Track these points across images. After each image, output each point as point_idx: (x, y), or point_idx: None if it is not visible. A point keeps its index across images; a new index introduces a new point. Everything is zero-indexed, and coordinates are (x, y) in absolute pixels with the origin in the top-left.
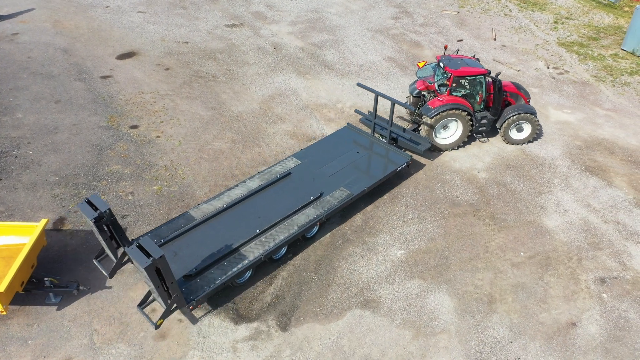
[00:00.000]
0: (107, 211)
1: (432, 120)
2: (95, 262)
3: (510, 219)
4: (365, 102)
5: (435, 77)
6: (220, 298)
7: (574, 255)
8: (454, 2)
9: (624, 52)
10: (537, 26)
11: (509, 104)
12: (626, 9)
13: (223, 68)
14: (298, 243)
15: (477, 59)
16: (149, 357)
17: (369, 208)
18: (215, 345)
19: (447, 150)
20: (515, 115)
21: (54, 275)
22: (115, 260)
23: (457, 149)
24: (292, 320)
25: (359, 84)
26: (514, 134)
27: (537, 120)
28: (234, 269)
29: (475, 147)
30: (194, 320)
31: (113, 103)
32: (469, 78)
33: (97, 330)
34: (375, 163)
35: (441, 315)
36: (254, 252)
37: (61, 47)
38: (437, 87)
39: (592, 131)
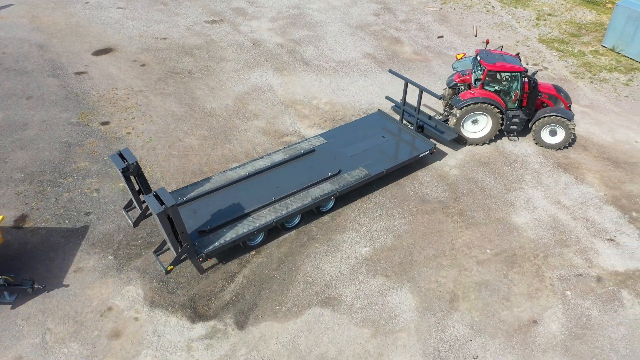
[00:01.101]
0: (134, 163)
1: (460, 111)
2: (123, 212)
3: (478, 216)
4: (342, 99)
5: (473, 70)
6: (178, 296)
7: (541, 252)
8: None
9: (605, 48)
10: (519, 22)
11: (547, 106)
12: (609, 5)
13: (200, 64)
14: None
15: (519, 57)
16: (101, 357)
17: (337, 205)
18: (169, 344)
19: (475, 145)
20: (547, 117)
21: (8, 274)
22: (140, 211)
23: (484, 144)
24: (250, 318)
25: (390, 71)
26: (546, 137)
27: (573, 126)
28: (245, 230)
29: (449, 143)
30: (150, 319)
31: (85, 99)
32: (503, 74)
33: (50, 329)
34: (399, 148)
35: (402, 314)
36: (266, 217)
37: (37, 43)
38: (473, 81)
39: None
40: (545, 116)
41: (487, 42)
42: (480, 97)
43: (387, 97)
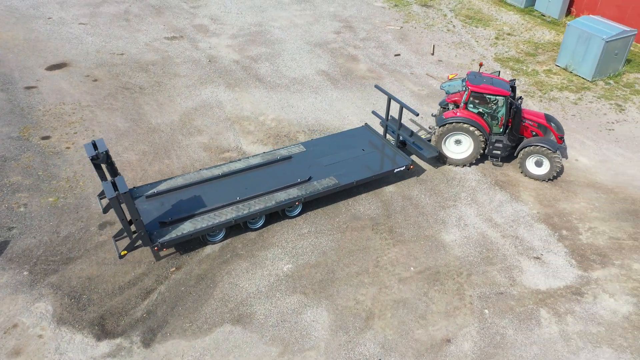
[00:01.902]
0: (104, 153)
1: (440, 129)
2: (97, 199)
3: (408, 233)
4: (290, 115)
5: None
6: (88, 313)
7: (465, 270)
8: (399, 17)
9: (558, 68)
10: (477, 42)
11: (536, 135)
12: None
13: (152, 80)
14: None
15: (513, 83)
16: None
17: (267, 221)
18: None
19: (457, 166)
20: (531, 146)
21: None
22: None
23: (468, 166)
24: (158, 336)
25: (376, 86)
26: (531, 167)
27: (558, 158)
28: (204, 225)
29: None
30: (55, 337)
31: (30, 114)
32: (486, 96)
33: None
34: (375, 161)
35: (314, 332)
36: (226, 215)
37: None
38: (463, 101)
39: None
40: (530, 145)
41: (481, 65)
42: (461, 117)
43: (373, 112)
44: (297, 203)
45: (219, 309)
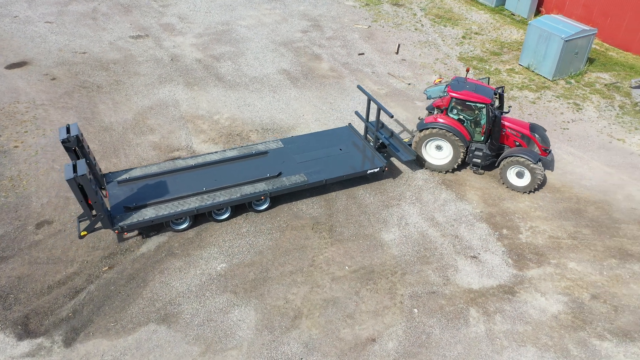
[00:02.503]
0: (75, 137)
1: (420, 134)
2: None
3: (347, 232)
4: (245, 114)
5: None
6: (13, 312)
7: (400, 269)
8: (369, 16)
9: (521, 67)
10: (444, 41)
11: (519, 145)
12: None
13: (112, 78)
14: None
15: (501, 90)
16: None
17: (204, 220)
18: None
19: (432, 170)
20: (511, 157)
21: None
22: None
23: (446, 173)
24: (81, 335)
25: (358, 86)
26: (512, 179)
27: (539, 170)
28: (166, 212)
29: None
30: None
31: None
32: (466, 103)
33: None
34: (350, 161)
35: (239, 331)
36: (190, 204)
37: None
38: (445, 107)
39: None
40: (510, 156)
41: (468, 70)
42: (440, 123)
43: (356, 113)
44: (262, 197)
45: (146, 308)
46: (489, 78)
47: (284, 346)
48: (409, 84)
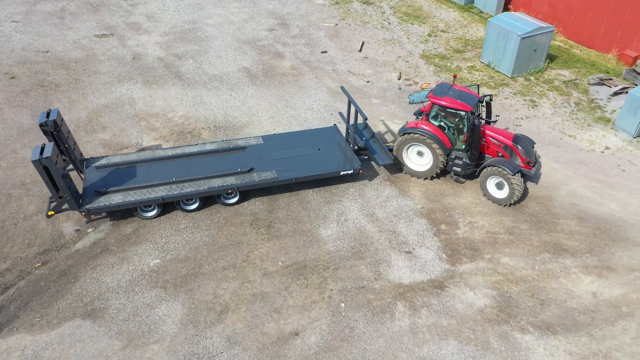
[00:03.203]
0: (52, 121)
1: (400, 138)
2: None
3: (285, 229)
4: (199, 112)
5: None
6: None
7: (333, 264)
8: (337, 14)
9: (482, 64)
10: (409, 39)
11: (502, 156)
12: None
13: (71, 77)
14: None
15: (489, 98)
16: None
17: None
18: None
19: (412, 175)
20: (489, 167)
21: None
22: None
23: (428, 179)
24: (5, 331)
25: (342, 87)
26: (492, 190)
27: (517, 182)
28: (132, 199)
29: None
30: None
31: None
32: (447, 110)
33: None
34: (326, 162)
35: (163, 326)
36: (157, 193)
37: None
38: (427, 113)
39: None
40: (488, 166)
41: (455, 76)
42: (419, 128)
43: (340, 114)
44: (230, 192)
45: (73, 303)
46: (478, 85)
47: (206, 340)
48: (368, 82)
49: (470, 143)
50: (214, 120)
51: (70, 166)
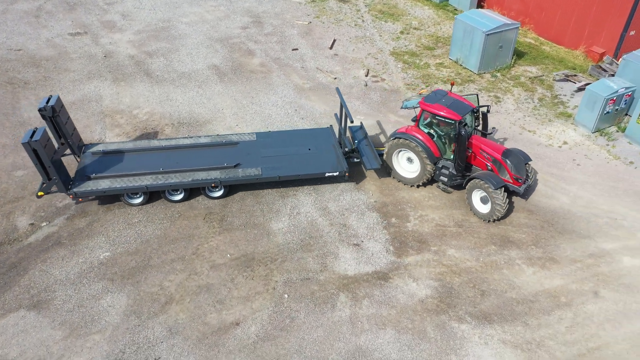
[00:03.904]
0: (51, 107)
1: (390, 142)
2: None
3: (237, 222)
4: (165, 109)
5: None
6: None
7: (281, 257)
8: (312, 12)
9: (451, 61)
10: (381, 36)
11: (491, 170)
12: None
13: (41, 75)
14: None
15: (486, 109)
16: None
17: (100, 210)
18: None
19: (405, 184)
20: (473, 180)
21: None
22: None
23: (415, 187)
24: None
25: (337, 89)
26: (477, 203)
27: (498, 197)
28: (118, 186)
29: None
30: None
31: None
32: (436, 117)
33: None
34: (313, 162)
35: (106, 316)
36: (143, 181)
37: None
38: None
39: (373, 137)
40: (472, 179)
41: (452, 84)
42: (408, 134)
43: (335, 115)
44: (213, 185)
45: (20, 295)
46: (477, 95)
47: (147, 330)
48: (335, 79)
49: (457, 154)
50: (178, 116)
51: (68, 150)
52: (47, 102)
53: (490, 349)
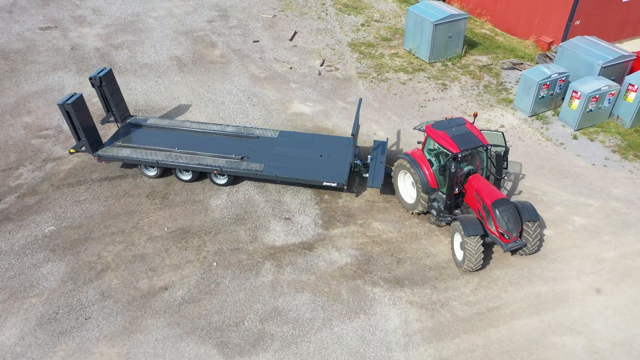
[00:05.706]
0: (99, 77)
1: (396, 162)
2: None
3: (178, 199)
4: (124, 97)
5: None
6: None
7: (214, 229)
8: (278, 6)
9: (405, 51)
10: (341, 28)
11: (481, 215)
12: None
13: (8, 66)
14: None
15: (503, 152)
16: None
17: (50, 189)
18: None
19: (408, 210)
20: (454, 221)
21: None
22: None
23: (415, 214)
24: None
25: (360, 100)
26: (456, 247)
27: (469, 244)
28: (137, 157)
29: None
30: None
31: None
32: (437, 146)
33: None
34: (318, 169)
35: (45, 282)
36: (156, 157)
37: None
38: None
39: (319, 121)
40: (453, 220)
41: (475, 115)
42: (411, 156)
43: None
44: (214, 172)
45: None
46: (503, 133)
47: (81, 294)
48: (290, 68)
49: (446, 189)
50: (135, 104)
51: (112, 118)
52: (99, 73)
53: (397, 309)
